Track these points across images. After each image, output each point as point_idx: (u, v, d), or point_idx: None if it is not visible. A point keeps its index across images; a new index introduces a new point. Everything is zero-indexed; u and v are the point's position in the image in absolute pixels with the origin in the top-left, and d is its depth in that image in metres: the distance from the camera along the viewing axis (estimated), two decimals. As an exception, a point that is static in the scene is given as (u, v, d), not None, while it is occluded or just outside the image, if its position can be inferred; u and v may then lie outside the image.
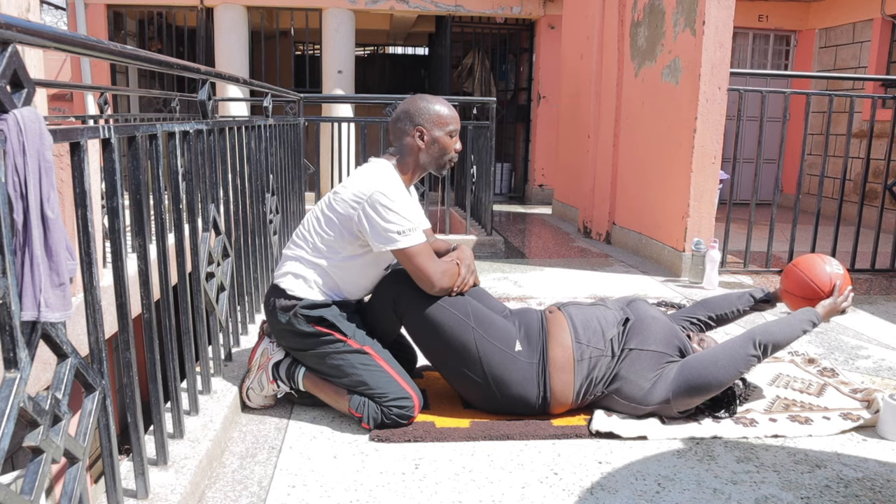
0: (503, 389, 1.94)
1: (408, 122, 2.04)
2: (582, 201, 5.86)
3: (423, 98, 2.08)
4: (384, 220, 1.88)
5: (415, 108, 2.05)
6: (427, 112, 2.03)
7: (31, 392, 0.96)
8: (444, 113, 2.05)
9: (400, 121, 2.05)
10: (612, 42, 5.31)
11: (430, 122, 2.03)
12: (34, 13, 3.13)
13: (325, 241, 1.97)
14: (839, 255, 4.29)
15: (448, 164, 2.11)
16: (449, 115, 2.06)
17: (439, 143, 2.05)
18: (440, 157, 2.07)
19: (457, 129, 2.09)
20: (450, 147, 2.07)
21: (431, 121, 2.03)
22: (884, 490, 1.67)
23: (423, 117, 2.03)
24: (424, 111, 2.04)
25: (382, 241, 1.89)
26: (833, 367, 2.50)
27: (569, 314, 2.07)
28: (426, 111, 2.04)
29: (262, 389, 2.04)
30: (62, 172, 2.51)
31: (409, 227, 1.91)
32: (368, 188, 1.91)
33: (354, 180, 1.97)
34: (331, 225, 1.96)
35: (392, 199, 1.89)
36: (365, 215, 1.90)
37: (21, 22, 0.93)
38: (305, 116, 4.33)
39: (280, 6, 8.05)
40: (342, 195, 1.95)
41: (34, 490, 0.97)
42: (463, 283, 2.00)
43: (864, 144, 6.85)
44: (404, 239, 1.89)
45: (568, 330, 2.00)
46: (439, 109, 2.05)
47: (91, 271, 1.20)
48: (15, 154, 0.92)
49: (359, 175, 1.99)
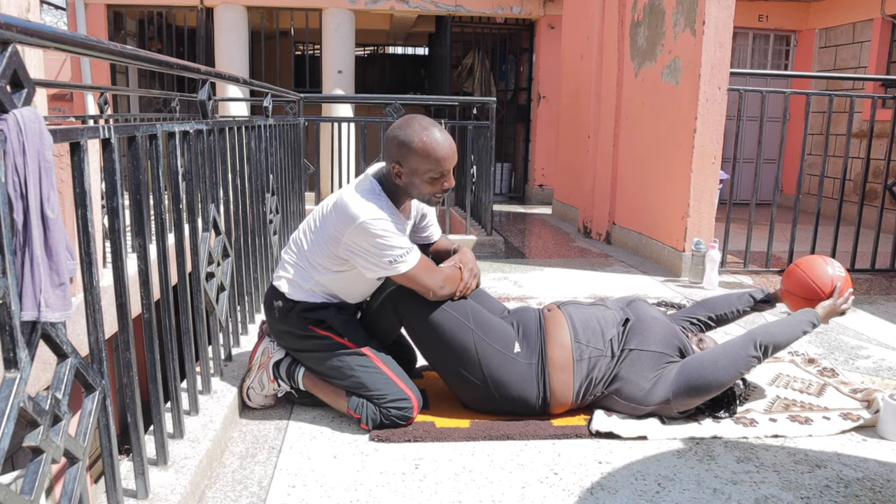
0: (502, 391, 1.94)
1: (390, 152, 1.86)
2: (582, 201, 5.86)
3: (409, 130, 1.82)
4: (378, 252, 1.82)
5: (398, 140, 1.83)
6: (406, 151, 1.82)
7: (31, 392, 0.96)
8: (424, 158, 1.81)
9: (388, 141, 1.87)
10: (612, 42, 5.31)
11: (406, 163, 1.83)
12: (34, 13, 3.13)
13: (315, 257, 1.94)
14: (839, 255, 4.29)
15: (433, 202, 1.94)
16: (433, 159, 1.81)
17: (417, 187, 1.87)
18: (420, 196, 1.91)
19: (443, 173, 1.84)
20: (427, 192, 1.88)
21: (408, 164, 1.83)
22: (884, 490, 1.67)
23: (403, 154, 1.82)
24: (404, 149, 1.82)
25: (378, 271, 1.87)
26: (833, 367, 2.50)
27: (568, 313, 2.06)
28: (408, 149, 1.81)
29: (263, 389, 2.04)
30: (62, 172, 2.51)
31: (402, 253, 1.84)
32: (354, 219, 1.80)
33: (340, 209, 1.85)
34: (318, 244, 1.92)
35: (378, 229, 1.79)
36: (354, 253, 1.84)
37: (21, 22, 0.93)
38: (305, 116, 4.33)
39: (280, 6, 8.05)
40: (330, 224, 1.87)
41: (34, 490, 0.97)
42: (465, 287, 1.99)
43: (864, 144, 6.85)
44: (402, 265, 1.85)
45: (567, 329, 2.00)
46: (419, 151, 1.80)
47: (91, 271, 1.20)
48: (15, 154, 0.92)
49: (344, 201, 1.85)
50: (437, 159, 1.82)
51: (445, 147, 1.83)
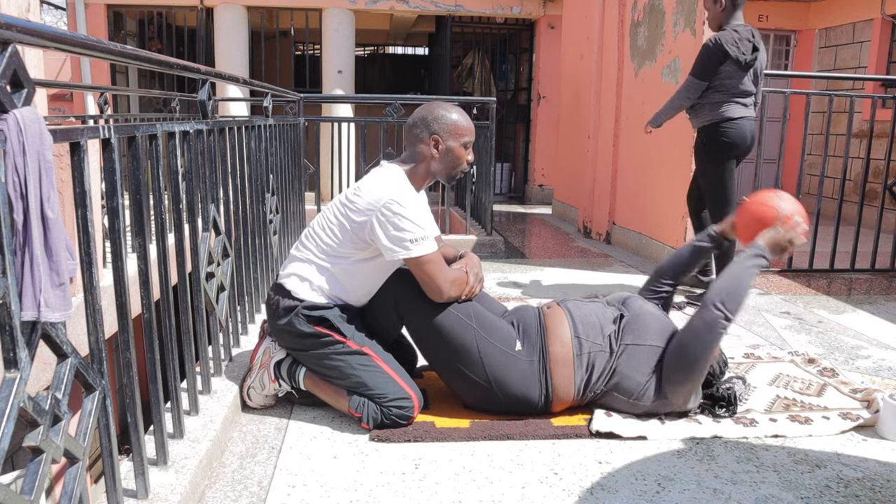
0: (504, 389, 1.94)
1: (424, 130, 2.01)
2: (582, 201, 5.86)
3: (441, 106, 2.05)
4: (397, 227, 1.87)
5: (432, 115, 2.02)
6: (445, 121, 2.01)
7: (31, 392, 0.96)
8: (462, 124, 2.03)
9: (416, 127, 2.03)
10: (612, 42, 5.31)
11: (446, 131, 2.01)
12: (34, 13, 3.13)
13: (335, 245, 1.96)
14: (839, 255, 4.29)
15: (459, 175, 2.10)
16: (466, 127, 2.04)
17: (453, 153, 2.03)
18: (452, 167, 2.05)
19: (472, 141, 2.06)
20: (463, 158, 2.05)
21: (448, 130, 2.01)
22: (884, 490, 1.67)
23: (441, 126, 2.01)
24: (442, 120, 2.01)
25: (394, 250, 1.88)
26: (833, 367, 2.50)
27: (567, 309, 2.07)
28: (444, 120, 2.01)
29: (264, 388, 2.04)
30: (62, 172, 2.52)
31: (422, 235, 1.90)
32: (382, 195, 1.89)
33: (368, 187, 1.95)
34: (342, 230, 1.95)
35: (405, 206, 1.88)
36: (378, 223, 1.88)
37: (21, 22, 0.93)
38: (305, 116, 4.33)
39: (280, 6, 8.05)
40: (357, 204, 1.93)
41: (34, 490, 0.97)
42: (471, 291, 2.01)
43: (864, 144, 6.85)
44: (417, 247, 1.88)
45: (567, 324, 2.00)
46: (457, 119, 2.02)
47: (91, 271, 1.20)
48: (15, 154, 0.92)
49: (372, 181, 1.97)
50: (470, 127, 2.06)
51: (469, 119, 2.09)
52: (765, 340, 2.86)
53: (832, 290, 3.88)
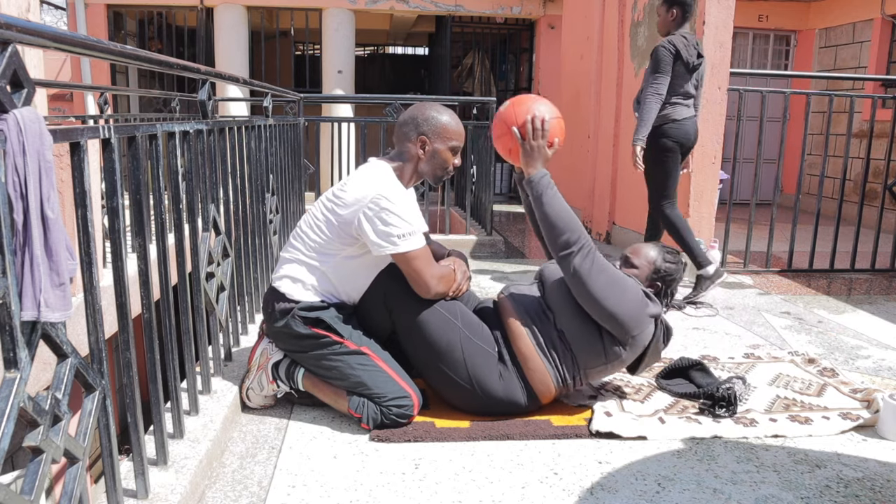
0: (487, 391, 1.94)
1: (413, 129, 2.01)
2: (582, 201, 5.86)
3: (433, 107, 2.04)
4: (384, 222, 1.87)
5: (423, 116, 2.02)
6: (434, 122, 2.01)
7: (31, 392, 0.96)
8: (452, 127, 2.02)
9: (406, 125, 2.03)
10: (612, 42, 5.31)
11: (435, 133, 2.01)
12: (34, 13, 3.13)
13: (323, 242, 1.96)
14: (839, 255, 4.29)
15: (444, 177, 2.09)
16: (455, 131, 2.03)
17: (440, 156, 2.03)
18: (438, 169, 2.05)
19: (460, 146, 2.06)
20: (449, 162, 2.05)
21: (436, 132, 2.01)
22: (884, 490, 1.67)
23: (430, 127, 2.01)
24: (432, 121, 2.01)
25: (382, 245, 1.88)
26: (833, 367, 2.50)
27: (512, 300, 2.06)
28: (433, 121, 2.01)
29: (262, 389, 2.04)
30: (62, 172, 2.52)
31: (410, 231, 1.90)
32: (369, 190, 1.89)
33: (354, 182, 1.95)
34: (329, 227, 1.95)
35: (393, 201, 1.88)
36: (365, 217, 1.88)
37: (21, 22, 0.93)
38: (305, 116, 4.33)
39: (280, 6, 8.06)
40: (344, 199, 1.93)
41: (34, 490, 0.97)
42: (458, 289, 2.01)
43: (864, 144, 6.85)
44: (404, 243, 1.89)
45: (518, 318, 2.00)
46: (447, 122, 2.02)
47: (91, 271, 1.20)
48: (15, 154, 0.92)
49: (359, 177, 1.97)
50: (460, 132, 2.06)
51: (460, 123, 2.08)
52: (765, 340, 2.86)
53: (832, 290, 3.88)
